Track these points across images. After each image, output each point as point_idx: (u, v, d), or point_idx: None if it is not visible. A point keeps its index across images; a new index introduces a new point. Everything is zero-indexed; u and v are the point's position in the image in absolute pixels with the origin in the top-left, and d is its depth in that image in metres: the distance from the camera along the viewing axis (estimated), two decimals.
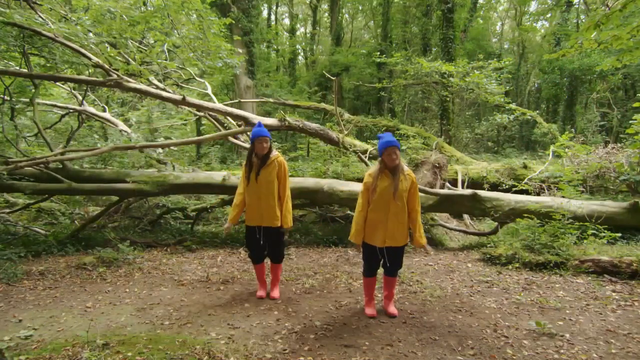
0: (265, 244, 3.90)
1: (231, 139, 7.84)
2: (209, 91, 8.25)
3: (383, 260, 3.42)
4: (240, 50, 11.54)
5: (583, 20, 17.59)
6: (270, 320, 3.36)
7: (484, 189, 7.01)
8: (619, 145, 7.54)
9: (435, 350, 2.83)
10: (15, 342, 2.91)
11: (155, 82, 7.25)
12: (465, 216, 7.44)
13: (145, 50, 7.06)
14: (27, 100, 7.10)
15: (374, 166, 3.48)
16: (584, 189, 6.70)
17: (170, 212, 7.19)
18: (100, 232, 6.29)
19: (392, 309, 3.47)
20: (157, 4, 6.75)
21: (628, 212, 5.33)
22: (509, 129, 16.97)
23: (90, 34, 6.17)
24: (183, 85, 8.69)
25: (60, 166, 6.23)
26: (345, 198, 5.95)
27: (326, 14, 25.05)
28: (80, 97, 8.27)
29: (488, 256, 5.13)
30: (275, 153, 3.87)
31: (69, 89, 8.87)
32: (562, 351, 2.79)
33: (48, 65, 7.09)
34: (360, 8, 24.08)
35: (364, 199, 3.39)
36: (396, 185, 3.27)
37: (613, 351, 2.77)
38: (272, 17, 25.02)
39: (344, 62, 19.15)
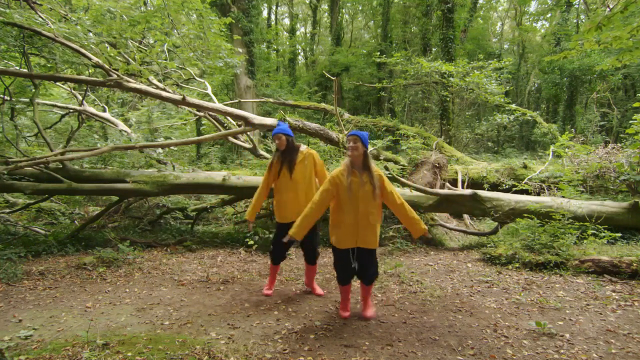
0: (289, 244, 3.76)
1: (231, 139, 7.84)
2: (209, 91, 8.24)
3: (356, 266, 3.27)
4: (240, 50, 11.55)
5: (583, 20, 17.60)
6: (270, 320, 3.36)
7: (484, 189, 7.01)
8: (619, 145, 7.54)
9: (435, 350, 2.83)
10: (15, 342, 2.91)
11: (155, 82, 7.25)
12: (465, 216, 7.44)
13: (145, 50, 7.06)
14: (27, 100, 7.11)
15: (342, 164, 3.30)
16: (584, 189, 6.71)
17: (170, 212, 7.20)
18: (100, 232, 6.30)
19: (369, 312, 3.38)
20: (157, 3, 6.75)
21: (628, 212, 5.33)
22: (509, 129, 16.97)
23: (90, 34, 6.17)
24: (183, 85, 8.69)
25: (60, 166, 6.23)
26: None
27: (326, 14, 25.06)
28: (80, 97, 8.27)
29: (488, 256, 5.13)
30: (304, 147, 3.84)
31: (69, 89, 8.87)
32: (562, 351, 2.79)
33: (48, 65, 7.09)
34: (360, 8, 24.07)
35: (322, 197, 3.20)
36: (374, 184, 3.13)
37: (613, 351, 2.77)
38: (272, 17, 25.03)
39: (344, 62, 19.14)
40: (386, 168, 6.24)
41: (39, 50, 6.31)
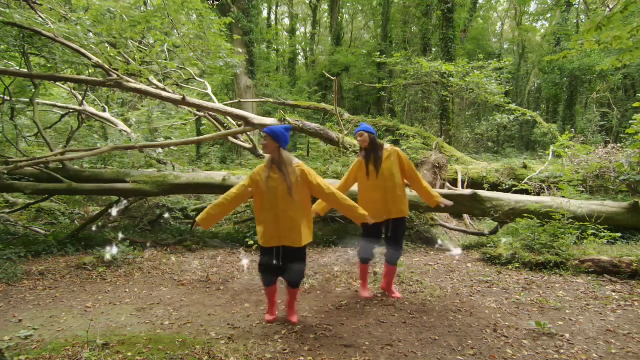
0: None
1: (231, 139, 7.85)
2: (209, 91, 8.25)
3: (280, 265, 3.17)
4: (240, 50, 11.56)
5: (583, 20, 17.59)
6: None
7: (484, 189, 7.01)
8: (619, 145, 7.54)
9: (435, 350, 2.83)
10: (15, 342, 2.91)
11: (155, 82, 7.25)
12: (465, 216, 7.44)
13: (145, 50, 7.06)
14: (27, 100, 7.11)
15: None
16: (584, 189, 6.71)
17: (170, 212, 7.20)
18: (100, 232, 6.30)
19: (294, 318, 3.32)
20: (157, 3, 6.75)
21: (628, 212, 5.33)
22: (509, 129, 16.97)
23: (90, 34, 6.17)
24: (183, 85, 8.69)
25: (60, 166, 6.23)
26: None
27: (326, 14, 25.05)
28: (80, 97, 8.27)
29: (488, 256, 5.13)
30: (388, 145, 3.77)
31: (69, 89, 8.87)
32: (562, 351, 2.79)
33: (48, 65, 7.09)
34: (360, 8, 24.05)
35: (238, 190, 3.16)
36: (289, 182, 3.05)
37: (613, 351, 2.77)
38: (272, 17, 25.02)
39: (344, 62, 19.13)
40: None
41: (39, 50, 6.31)
